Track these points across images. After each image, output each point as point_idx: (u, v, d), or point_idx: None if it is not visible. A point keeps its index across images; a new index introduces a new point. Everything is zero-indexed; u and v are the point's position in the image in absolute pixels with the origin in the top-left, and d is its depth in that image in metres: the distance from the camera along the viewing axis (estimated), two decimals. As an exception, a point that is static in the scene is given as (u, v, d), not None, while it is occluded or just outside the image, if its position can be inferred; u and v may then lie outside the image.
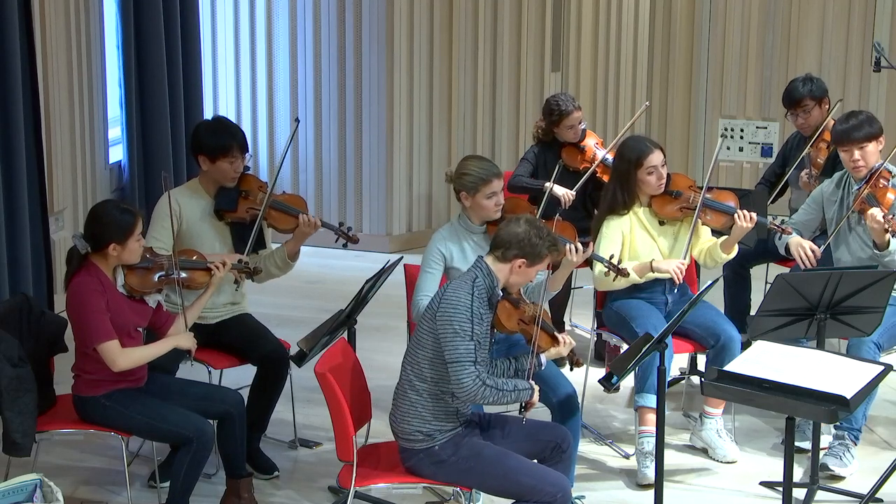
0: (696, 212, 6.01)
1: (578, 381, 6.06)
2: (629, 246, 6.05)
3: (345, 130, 9.57)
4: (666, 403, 5.27)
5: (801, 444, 5.85)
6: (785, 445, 5.06)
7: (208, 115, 9.42)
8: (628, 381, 6.38)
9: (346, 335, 5.60)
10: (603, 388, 5.14)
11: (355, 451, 4.90)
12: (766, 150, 10.21)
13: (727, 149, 10.34)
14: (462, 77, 9.68)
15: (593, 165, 7.07)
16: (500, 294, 4.98)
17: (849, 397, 4.56)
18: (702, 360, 6.74)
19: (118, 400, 5.26)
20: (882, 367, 4.86)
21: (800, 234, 6.30)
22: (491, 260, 4.97)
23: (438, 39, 9.56)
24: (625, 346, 6.05)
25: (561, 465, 5.06)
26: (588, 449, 6.16)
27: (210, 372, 5.90)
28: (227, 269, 5.59)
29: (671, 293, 6.10)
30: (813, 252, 6.17)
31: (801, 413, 4.80)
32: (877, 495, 5.50)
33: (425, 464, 4.92)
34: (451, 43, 9.61)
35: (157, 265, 5.41)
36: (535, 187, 7.04)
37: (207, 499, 5.62)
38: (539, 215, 5.60)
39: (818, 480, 5.64)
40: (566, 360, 5.23)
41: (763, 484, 5.83)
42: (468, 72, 9.69)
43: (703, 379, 4.90)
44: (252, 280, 5.88)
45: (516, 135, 9.81)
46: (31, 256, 7.51)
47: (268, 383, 5.90)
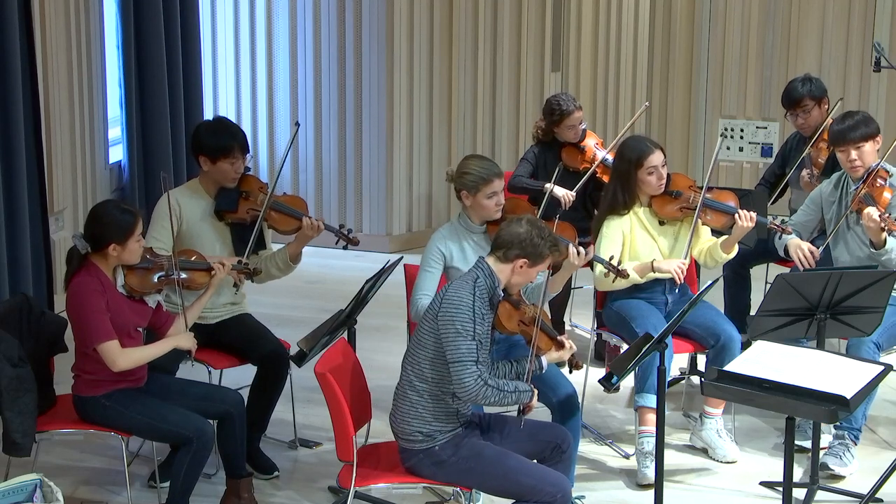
0: (697, 212, 6.02)
1: (578, 381, 6.06)
2: (629, 246, 6.05)
3: (345, 130, 9.56)
4: (666, 403, 5.27)
5: (801, 443, 5.85)
6: (785, 445, 5.06)
7: (208, 115, 9.42)
8: (628, 381, 6.38)
9: (346, 335, 5.60)
10: (603, 388, 5.14)
11: (355, 451, 4.90)
12: (766, 150, 10.20)
13: (727, 149, 10.33)
14: (462, 77, 9.68)
15: (593, 166, 7.07)
16: (502, 294, 4.98)
17: (849, 397, 4.56)
18: (702, 360, 6.74)
19: (118, 400, 5.26)
20: (882, 367, 4.86)
21: (799, 234, 6.31)
22: (492, 260, 4.97)
23: (438, 39, 9.56)
24: (625, 346, 6.05)
25: (561, 466, 5.06)
26: (588, 449, 6.16)
27: (210, 372, 5.90)
28: (228, 271, 5.60)
29: (671, 293, 6.09)
30: (812, 253, 6.17)
31: (801, 413, 4.80)
32: (877, 495, 5.50)
33: (425, 464, 4.92)
34: (451, 43, 9.61)
35: (157, 265, 5.40)
36: (535, 188, 7.04)
37: (207, 499, 5.62)
38: (539, 216, 5.59)
39: (818, 480, 5.64)
40: (566, 362, 5.23)
41: (763, 484, 5.83)
42: (468, 72, 9.68)
43: (703, 379, 4.90)
44: (252, 281, 5.88)
45: (516, 135, 9.81)
46: (31, 256, 7.51)
47: (268, 383, 5.90)
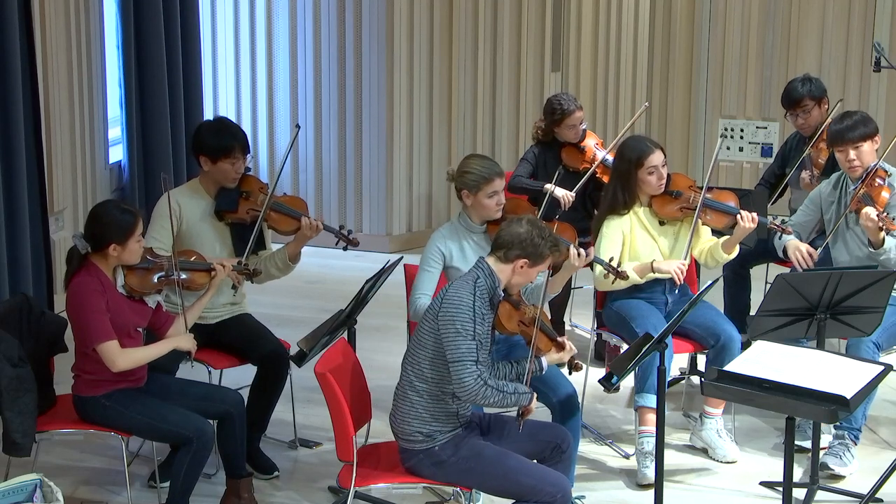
0: (697, 212, 6.01)
1: (578, 382, 6.06)
2: (630, 246, 6.05)
3: (345, 130, 9.56)
4: (666, 403, 5.27)
5: (801, 443, 5.85)
6: (785, 445, 5.06)
7: (208, 115, 9.42)
8: (628, 381, 6.38)
9: (346, 335, 5.60)
10: (603, 388, 5.14)
11: (355, 451, 4.90)
12: (766, 150, 10.20)
13: (727, 149, 10.33)
14: (462, 77, 9.68)
15: (593, 166, 7.07)
16: (502, 295, 4.98)
17: (849, 397, 4.56)
18: (702, 360, 6.74)
19: (118, 400, 5.26)
20: (882, 367, 4.86)
21: (798, 235, 6.30)
22: (493, 260, 4.96)
23: (438, 39, 9.56)
24: (625, 346, 6.05)
25: (561, 466, 5.06)
26: (588, 449, 6.16)
27: (210, 372, 5.90)
28: (228, 272, 5.60)
29: (671, 293, 6.09)
30: (810, 255, 6.17)
31: (801, 413, 4.80)
32: (877, 495, 5.49)
33: (425, 464, 4.91)
34: (451, 43, 9.61)
35: (157, 266, 5.40)
36: (534, 188, 7.04)
37: (207, 499, 5.62)
38: (540, 217, 5.59)
39: (818, 480, 5.64)
40: (565, 363, 5.23)
41: (763, 484, 5.83)
42: (468, 72, 9.68)
43: (703, 379, 4.90)
44: (252, 282, 5.88)
45: (516, 135, 9.81)
46: (31, 256, 7.51)
47: (268, 383, 5.90)
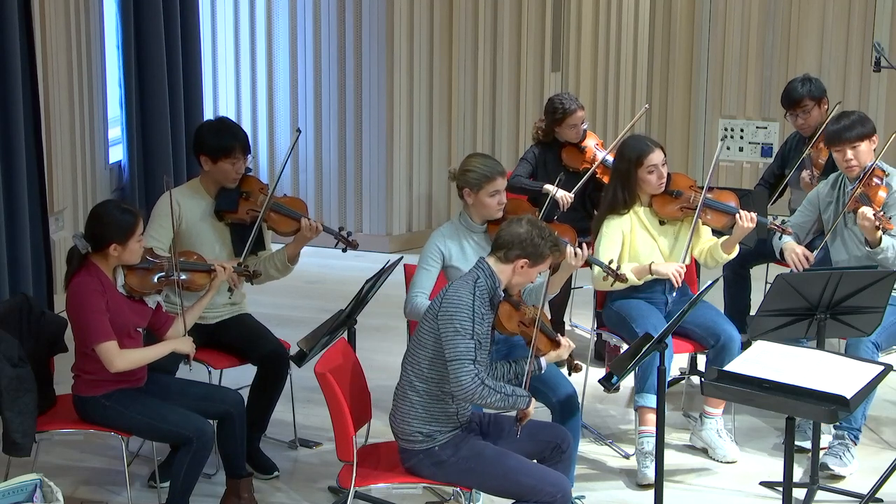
0: (697, 211, 6.01)
1: (578, 382, 6.06)
2: (630, 246, 6.04)
3: (345, 130, 9.56)
4: (666, 403, 5.27)
5: (801, 443, 5.85)
6: (785, 445, 5.06)
7: (208, 115, 9.42)
8: (628, 381, 6.38)
9: (346, 335, 5.60)
10: (603, 388, 5.14)
11: (355, 451, 4.90)
12: (766, 150, 10.20)
13: (727, 149, 10.33)
14: (462, 77, 9.68)
15: (593, 166, 7.07)
16: (502, 295, 4.98)
17: (849, 397, 4.56)
18: (702, 360, 6.74)
19: (118, 400, 5.26)
20: (882, 367, 4.86)
21: (797, 235, 6.30)
22: (493, 261, 4.96)
23: (438, 39, 9.56)
24: (625, 346, 6.04)
25: (561, 465, 5.06)
26: (588, 449, 6.16)
27: (210, 372, 5.90)
28: (228, 273, 5.59)
29: (671, 293, 6.09)
30: (806, 257, 6.17)
31: (801, 413, 4.80)
32: (877, 495, 5.49)
33: (425, 464, 4.91)
34: (451, 43, 9.61)
35: (158, 266, 5.40)
36: (533, 189, 7.04)
37: (207, 499, 5.62)
38: (541, 217, 5.58)
39: (818, 480, 5.64)
40: (565, 363, 5.23)
41: (763, 484, 5.83)
42: (468, 72, 9.68)
43: (703, 379, 4.90)
44: (251, 283, 5.88)
45: (516, 135, 9.80)
46: (31, 256, 7.51)
47: (268, 383, 5.89)
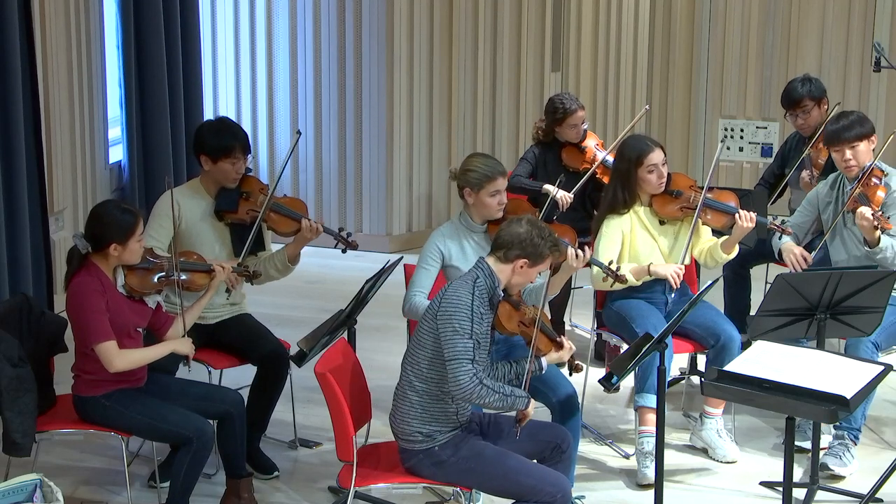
0: (697, 211, 6.01)
1: (578, 382, 6.06)
2: (630, 245, 6.04)
3: (345, 130, 9.56)
4: (666, 403, 5.27)
5: (801, 443, 5.86)
6: (785, 445, 5.06)
7: (208, 115, 9.42)
8: (628, 381, 6.38)
9: (346, 335, 5.60)
10: (603, 388, 5.14)
11: (355, 451, 4.90)
12: (766, 150, 10.20)
13: (727, 149, 10.33)
14: (462, 77, 9.68)
15: (593, 166, 7.07)
16: (502, 295, 4.98)
17: (849, 397, 4.56)
18: (702, 360, 6.74)
19: (118, 400, 5.26)
20: (882, 367, 4.86)
21: (796, 235, 6.30)
22: (492, 261, 4.96)
23: (438, 39, 9.56)
24: (625, 346, 6.04)
25: (561, 465, 5.06)
26: (588, 449, 6.16)
27: (210, 372, 5.90)
28: (228, 273, 5.59)
29: (671, 293, 6.09)
30: (804, 258, 6.17)
31: (801, 413, 4.80)
32: (877, 495, 5.49)
33: (425, 464, 4.91)
34: (451, 43, 9.61)
35: (158, 266, 5.40)
36: (533, 188, 7.04)
37: (207, 499, 5.62)
38: (542, 218, 5.58)
39: (818, 480, 5.64)
40: (565, 363, 5.23)
41: (763, 484, 5.83)
42: (468, 72, 9.68)
43: (703, 379, 4.90)
44: (251, 283, 5.88)
45: (516, 135, 9.80)
46: (31, 256, 7.51)
47: (268, 383, 5.89)
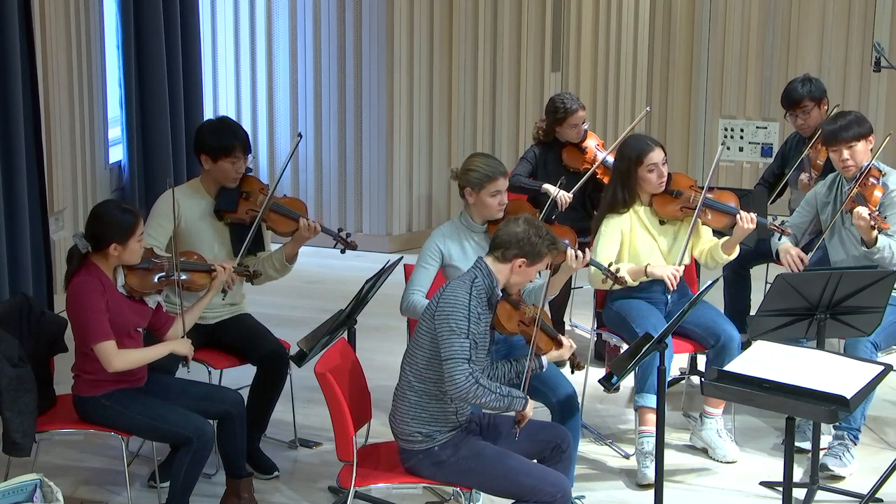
0: (696, 211, 6.01)
1: (578, 381, 6.06)
2: (629, 245, 6.05)
3: (345, 130, 9.56)
4: (666, 403, 5.27)
5: (801, 444, 5.86)
6: (785, 445, 5.06)
7: (208, 115, 9.42)
8: (628, 381, 6.38)
9: (346, 335, 5.60)
10: (603, 388, 5.14)
11: (355, 451, 4.90)
12: (766, 150, 10.20)
13: (727, 149, 10.33)
14: (462, 77, 9.68)
15: (594, 166, 7.07)
16: (500, 294, 4.98)
17: (849, 397, 4.56)
18: (702, 360, 6.74)
19: (118, 400, 5.26)
20: (882, 368, 4.86)
21: (795, 236, 6.31)
22: (490, 260, 4.96)
23: (438, 39, 9.56)
24: (625, 346, 6.04)
25: (561, 465, 5.06)
26: (588, 449, 6.16)
27: (210, 372, 5.90)
28: (229, 273, 5.59)
29: (671, 293, 6.09)
30: (800, 259, 6.17)
31: (801, 413, 4.80)
32: (877, 495, 5.50)
33: (425, 464, 4.91)
34: (451, 43, 9.61)
35: (158, 266, 5.40)
36: (532, 188, 7.04)
37: (207, 499, 5.62)
38: (542, 218, 5.58)
39: (818, 480, 5.64)
40: (567, 361, 5.23)
41: (763, 484, 5.83)
42: (468, 72, 9.68)
43: (703, 379, 4.90)
44: (252, 283, 5.88)
45: (516, 135, 9.80)
46: (31, 256, 7.51)
47: (268, 383, 5.90)
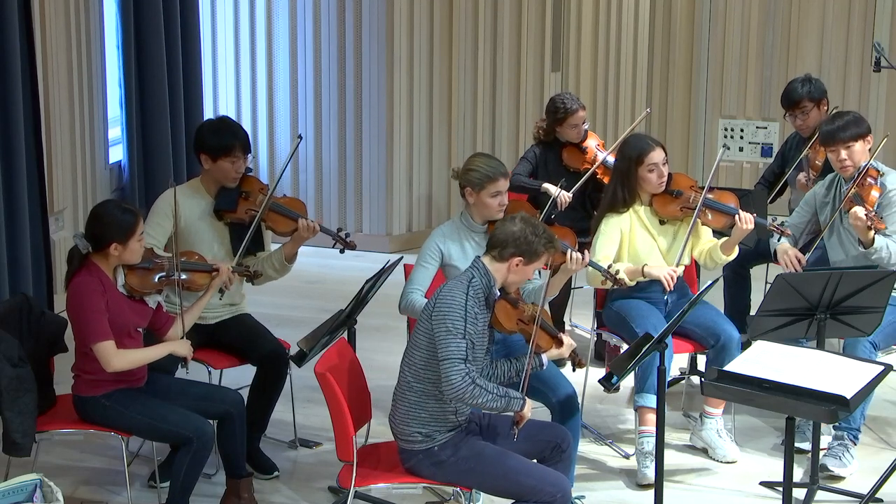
0: (696, 211, 6.01)
1: (578, 381, 6.06)
2: (629, 244, 6.05)
3: (345, 130, 9.56)
4: (666, 403, 5.27)
5: (800, 444, 5.85)
6: (785, 445, 5.06)
7: (208, 115, 9.42)
8: (628, 381, 6.38)
9: (346, 335, 5.60)
10: (603, 388, 5.14)
11: (355, 451, 4.90)
12: (766, 150, 10.20)
13: (727, 149, 10.32)
14: (462, 77, 9.68)
15: (594, 166, 7.07)
16: (498, 294, 4.98)
17: (849, 397, 4.56)
18: (702, 360, 6.74)
19: (118, 400, 5.26)
20: (882, 368, 4.86)
21: (794, 236, 6.31)
22: (488, 260, 4.96)
23: (438, 39, 9.56)
24: (625, 346, 6.04)
25: (561, 465, 5.06)
26: (588, 449, 6.16)
27: (210, 372, 5.90)
28: (229, 273, 5.59)
29: (671, 293, 6.09)
30: (798, 259, 6.17)
31: (801, 413, 4.80)
32: (877, 495, 5.50)
33: (425, 464, 4.91)
34: (451, 43, 9.61)
35: (158, 266, 5.40)
36: (532, 187, 7.05)
37: (207, 499, 5.62)
38: (542, 219, 5.58)
39: (818, 480, 5.64)
40: (567, 360, 5.23)
41: (763, 484, 5.83)
42: (468, 72, 9.68)
43: (703, 379, 4.90)
44: (252, 283, 5.88)
45: (516, 135, 9.80)
46: (31, 256, 7.51)
47: (267, 383, 5.90)
